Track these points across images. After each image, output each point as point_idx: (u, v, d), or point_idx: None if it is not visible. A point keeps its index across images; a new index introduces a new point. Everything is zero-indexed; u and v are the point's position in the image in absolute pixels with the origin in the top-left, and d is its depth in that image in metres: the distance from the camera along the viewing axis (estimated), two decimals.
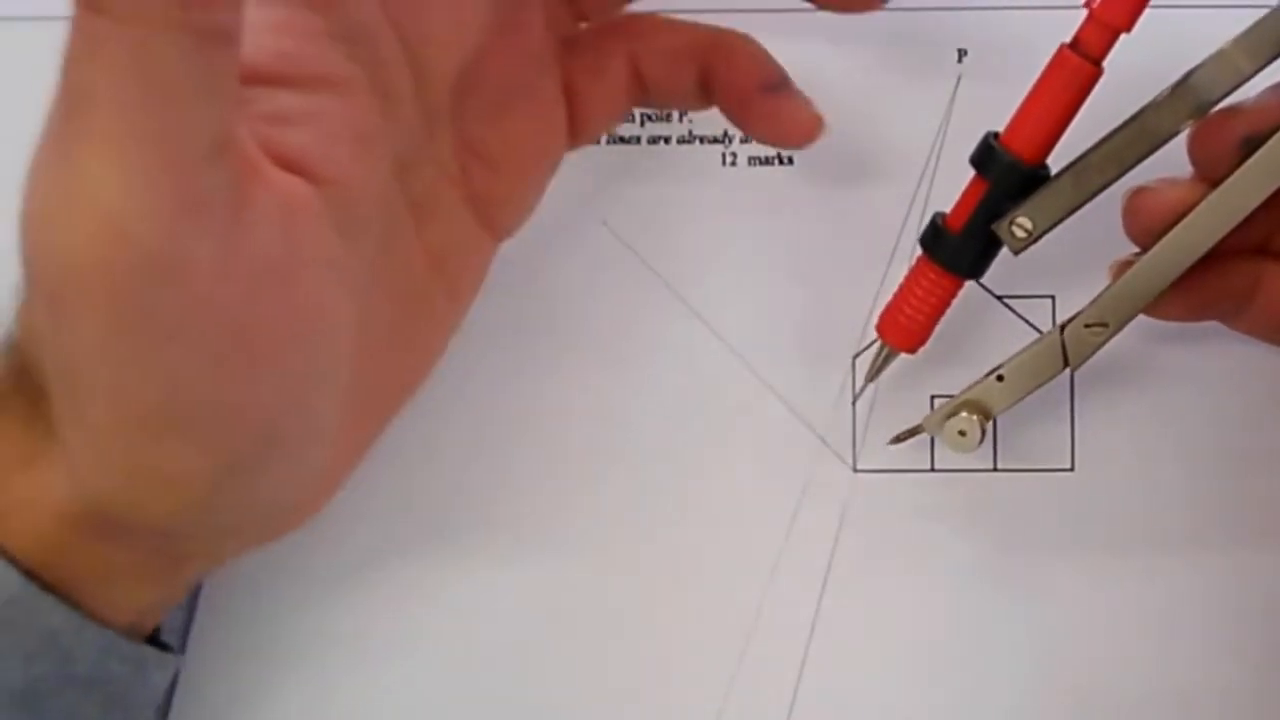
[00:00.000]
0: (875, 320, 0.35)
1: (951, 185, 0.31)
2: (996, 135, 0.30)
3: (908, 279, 0.32)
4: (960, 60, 0.35)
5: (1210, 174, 0.29)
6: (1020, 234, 0.30)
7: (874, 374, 0.33)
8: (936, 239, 0.31)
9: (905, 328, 0.32)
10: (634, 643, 0.34)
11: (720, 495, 0.34)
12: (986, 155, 0.30)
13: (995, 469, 0.34)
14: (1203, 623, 0.33)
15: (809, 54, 0.34)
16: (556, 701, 0.34)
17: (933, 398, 0.34)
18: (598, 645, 0.34)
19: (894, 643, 0.34)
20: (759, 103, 0.31)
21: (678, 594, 0.34)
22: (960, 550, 0.34)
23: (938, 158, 0.34)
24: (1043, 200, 0.30)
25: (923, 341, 0.32)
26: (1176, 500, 0.34)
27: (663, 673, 0.34)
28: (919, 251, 0.31)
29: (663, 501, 0.34)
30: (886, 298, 0.32)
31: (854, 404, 0.34)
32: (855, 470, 0.35)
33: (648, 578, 0.34)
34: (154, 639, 0.29)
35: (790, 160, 0.34)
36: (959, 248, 0.31)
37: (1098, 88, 0.29)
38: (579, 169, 0.34)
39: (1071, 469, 0.34)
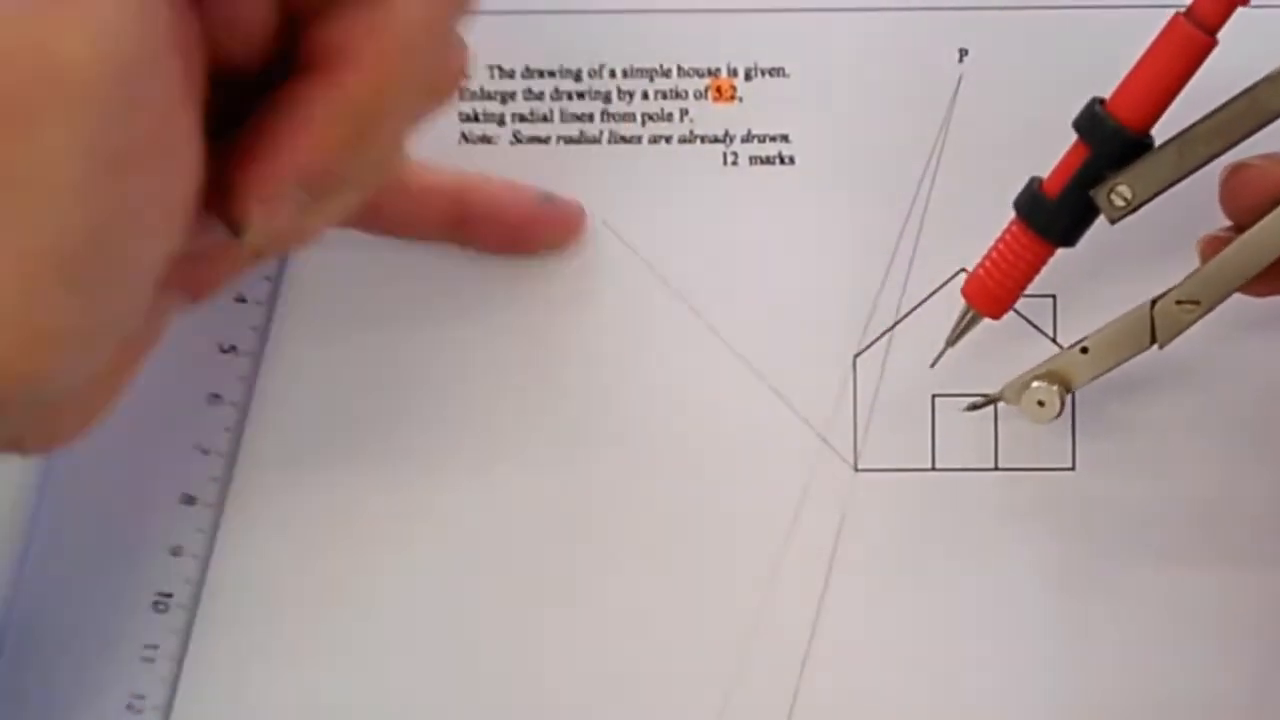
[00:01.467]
0: (874, 319, 0.35)
1: (952, 185, 0.31)
2: (1102, 101, 0.29)
3: (999, 244, 0.31)
4: (960, 60, 0.35)
5: None
6: (1119, 202, 0.29)
7: (955, 338, 0.32)
8: (1033, 204, 0.30)
9: (993, 293, 0.31)
10: (634, 643, 0.34)
11: (721, 495, 0.34)
12: (1090, 121, 0.29)
13: (996, 469, 0.34)
14: (1204, 622, 0.33)
15: (808, 55, 0.34)
16: (556, 701, 0.34)
17: (934, 397, 0.34)
18: (598, 645, 0.34)
19: (895, 642, 0.34)
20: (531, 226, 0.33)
21: (679, 594, 0.34)
22: (961, 550, 0.34)
23: (938, 158, 0.34)
24: (1145, 169, 0.29)
25: (1008, 308, 0.31)
26: (1177, 500, 0.34)
27: (663, 673, 0.34)
28: (1013, 217, 0.30)
29: (663, 501, 0.34)
30: (886, 297, 0.32)
31: (854, 398, 0.34)
32: (856, 470, 0.35)
33: (648, 578, 0.34)
34: None
35: (791, 160, 0.34)
36: (1055, 213, 0.30)
37: (1209, 59, 0.28)
38: (579, 169, 0.34)
39: (1072, 469, 0.34)
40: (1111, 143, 0.29)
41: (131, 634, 0.33)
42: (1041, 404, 0.31)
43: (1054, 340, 0.33)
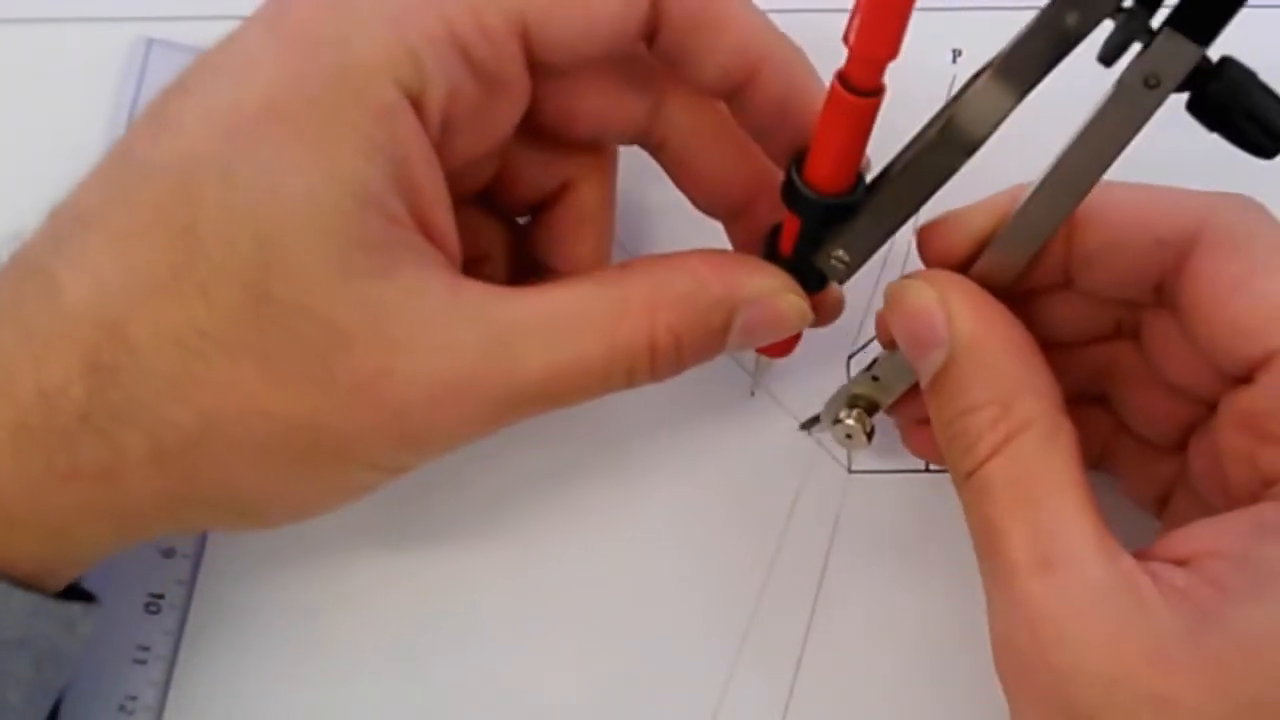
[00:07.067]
0: (866, 321, 0.35)
1: (947, 186, 0.30)
2: (801, 162, 0.28)
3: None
4: (955, 60, 0.35)
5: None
6: (839, 266, 0.29)
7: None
8: (774, 257, 0.31)
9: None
10: (630, 643, 0.34)
11: (716, 496, 0.34)
12: (791, 192, 0.29)
13: None
14: None
15: None
16: (554, 701, 0.33)
17: None
18: (594, 645, 0.34)
19: (889, 642, 0.34)
20: None
21: (674, 594, 0.34)
22: (954, 550, 0.34)
23: None
24: (853, 235, 0.29)
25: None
26: None
27: (659, 673, 0.34)
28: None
29: (660, 501, 0.34)
30: (879, 298, 0.32)
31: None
32: (850, 471, 0.35)
33: (644, 578, 0.34)
34: (76, 588, 0.29)
35: None
36: (792, 270, 0.30)
37: None
38: None
39: None
40: (813, 210, 0.29)
41: (124, 635, 0.33)
42: (850, 436, 0.33)
43: None
